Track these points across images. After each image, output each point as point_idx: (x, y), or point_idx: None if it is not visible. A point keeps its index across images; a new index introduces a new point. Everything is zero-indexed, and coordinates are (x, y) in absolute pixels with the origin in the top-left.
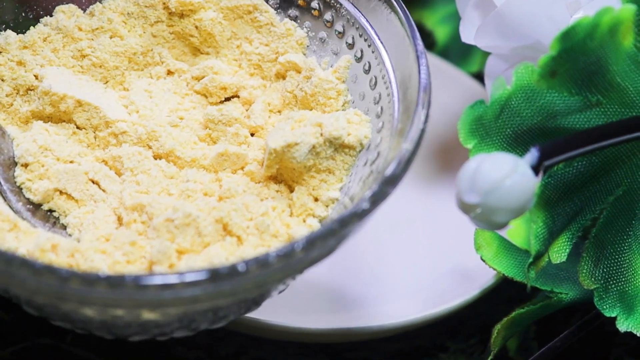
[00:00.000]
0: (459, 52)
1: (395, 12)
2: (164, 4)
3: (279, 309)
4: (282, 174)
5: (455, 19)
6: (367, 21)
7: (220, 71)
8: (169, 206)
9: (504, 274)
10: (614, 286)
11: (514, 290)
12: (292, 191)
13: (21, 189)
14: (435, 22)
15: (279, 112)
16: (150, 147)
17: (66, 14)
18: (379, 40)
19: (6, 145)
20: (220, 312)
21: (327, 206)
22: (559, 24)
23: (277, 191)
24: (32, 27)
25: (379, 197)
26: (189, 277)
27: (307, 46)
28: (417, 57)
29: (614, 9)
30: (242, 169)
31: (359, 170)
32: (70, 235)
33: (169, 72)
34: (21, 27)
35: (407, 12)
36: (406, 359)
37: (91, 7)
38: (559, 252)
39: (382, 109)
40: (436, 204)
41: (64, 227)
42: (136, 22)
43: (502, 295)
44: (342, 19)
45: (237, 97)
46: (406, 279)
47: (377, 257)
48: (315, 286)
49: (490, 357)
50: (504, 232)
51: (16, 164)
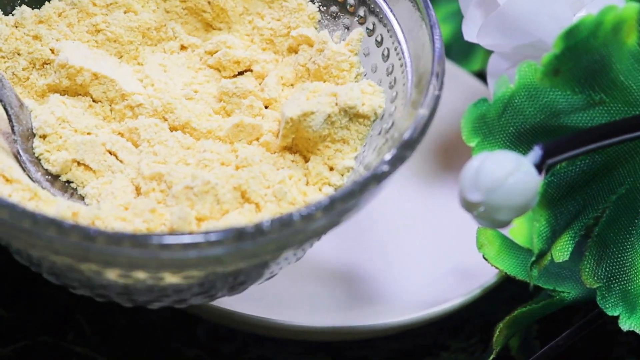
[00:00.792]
0: (460, 51)
1: None
2: None
3: (281, 307)
4: (297, 144)
5: (457, 17)
6: None
7: (233, 45)
8: (187, 175)
9: (506, 273)
10: (616, 285)
11: (516, 289)
12: (307, 161)
13: (39, 160)
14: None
15: (292, 85)
16: (166, 120)
17: None
18: (391, 12)
19: (24, 116)
20: (240, 276)
21: (342, 175)
22: (562, 23)
23: (292, 161)
24: (46, 2)
25: (397, 160)
26: (214, 236)
27: (319, 21)
28: (431, 27)
29: (618, 8)
30: (257, 139)
31: (373, 139)
32: (88, 205)
33: (182, 47)
34: (36, 3)
35: None
36: (407, 358)
37: None
38: (562, 251)
39: (395, 79)
40: (438, 202)
41: (82, 197)
42: None
43: (504, 294)
44: None
45: (250, 71)
46: (408, 277)
47: (379, 256)
48: (316, 284)
49: (492, 356)
50: (506, 231)
51: (34, 135)
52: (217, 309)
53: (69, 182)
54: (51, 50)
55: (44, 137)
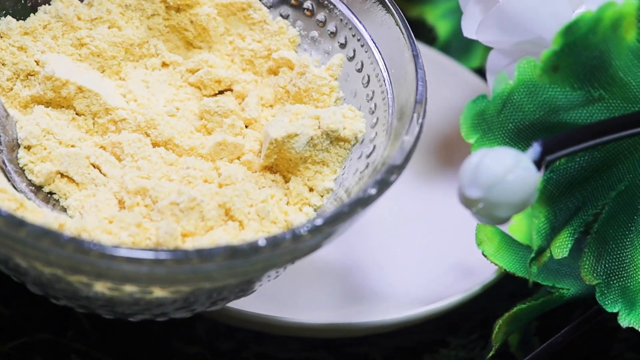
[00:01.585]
0: (460, 47)
1: (390, 13)
2: None
3: (280, 304)
4: (278, 165)
5: (456, 14)
6: (360, 22)
7: (215, 65)
8: (172, 190)
9: (505, 269)
10: (615, 282)
11: (515, 285)
12: (287, 181)
13: (23, 170)
14: (436, 17)
15: (271, 106)
16: (148, 135)
17: (64, 3)
18: (372, 40)
19: (10, 127)
20: (224, 292)
21: (322, 196)
22: (561, 19)
23: (273, 181)
24: (32, 14)
25: (383, 185)
26: (209, 253)
27: (299, 45)
28: (414, 56)
29: (617, 4)
30: (238, 158)
31: (353, 163)
32: (71, 217)
33: (164, 64)
34: (20, 14)
35: (401, 13)
36: (407, 354)
37: None
38: (561, 248)
39: (375, 105)
40: (437, 199)
41: (64, 209)
42: (133, 14)
43: (503, 290)
44: (335, 19)
45: (230, 90)
46: (407, 274)
47: (378, 253)
48: (316, 281)
49: (491, 353)
50: (505, 228)
51: (19, 145)
52: None
53: (51, 193)
54: (36, 61)
55: (29, 148)
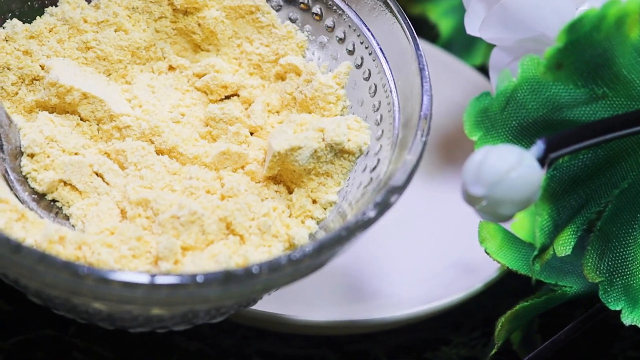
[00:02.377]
0: (462, 45)
1: (398, 22)
2: (169, 0)
3: (282, 301)
4: (282, 175)
5: (459, 11)
6: (368, 30)
7: (221, 70)
8: (174, 203)
9: (508, 267)
10: (618, 279)
11: (518, 283)
12: (290, 192)
13: (26, 178)
14: (439, 15)
15: (277, 112)
16: (152, 142)
17: (71, 5)
18: (380, 49)
19: (13, 134)
20: (222, 309)
21: (325, 209)
22: (565, 17)
23: (276, 191)
24: (38, 17)
25: (384, 207)
26: (203, 278)
27: (307, 49)
28: (420, 70)
29: (621, 1)
30: (242, 168)
31: (357, 175)
32: (73, 226)
33: (171, 68)
34: (27, 16)
35: (409, 23)
36: (409, 352)
37: None
38: (564, 245)
39: (381, 117)
40: (440, 196)
41: (67, 217)
42: (140, 17)
43: (505, 288)
44: (343, 25)
45: (237, 95)
46: (409, 271)
47: (381, 250)
48: (318, 279)
49: (494, 351)
50: (508, 225)
51: (22, 153)
52: None
53: (54, 201)
54: (41, 66)
55: (32, 156)
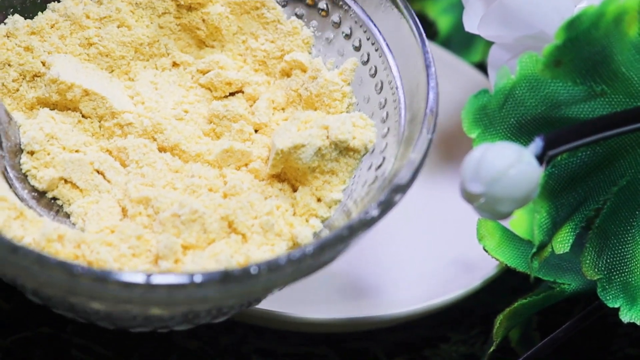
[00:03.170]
0: (461, 42)
1: (405, 18)
2: None
3: (281, 299)
4: (286, 173)
5: (457, 8)
6: (375, 26)
7: (225, 66)
8: (175, 201)
9: (506, 265)
10: (617, 277)
11: (516, 280)
12: (295, 190)
13: (26, 176)
14: (437, 12)
15: (283, 109)
16: (155, 140)
17: (74, 0)
18: (387, 45)
19: (13, 132)
20: (224, 309)
21: (329, 207)
22: (563, 14)
23: (280, 190)
24: (40, 13)
25: (387, 206)
26: (201, 278)
27: (313, 45)
28: (426, 67)
29: None
30: (246, 165)
31: (362, 173)
32: (74, 224)
33: (174, 64)
34: (29, 12)
35: (416, 19)
36: (407, 349)
37: None
38: (562, 243)
39: (387, 114)
40: (438, 194)
41: (68, 215)
42: (144, 13)
43: (504, 285)
44: (350, 20)
45: (242, 92)
46: (408, 269)
47: (379, 247)
48: (316, 276)
49: (492, 348)
50: (506, 223)
51: (22, 151)
52: None
53: (54, 199)
54: (42, 62)
55: (32, 153)
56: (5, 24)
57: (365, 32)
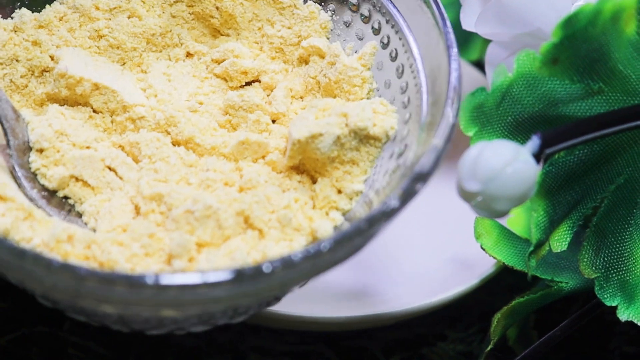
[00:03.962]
0: (458, 40)
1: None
2: None
3: None
4: (305, 164)
5: (455, 6)
6: (394, 7)
7: (241, 54)
8: (188, 197)
9: (503, 263)
10: (614, 275)
11: (514, 279)
12: (314, 182)
13: (36, 175)
14: None
15: (301, 98)
16: (168, 133)
17: None
18: (407, 27)
19: (21, 129)
20: (240, 309)
21: (350, 199)
22: (560, 11)
23: (299, 182)
24: (47, 5)
25: (408, 195)
26: (212, 278)
27: (331, 30)
28: (448, 47)
29: None
30: (263, 157)
31: (384, 162)
32: (86, 223)
33: (188, 54)
34: (36, 5)
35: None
36: (405, 348)
37: None
38: (560, 241)
39: (409, 99)
40: (435, 192)
41: (80, 214)
42: (155, 2)
43: (501, 283)
44: (368, 2)
45: (258, 81)
46: (405, 267)
47: (377, 246)
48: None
49: (490, 346)
50: (504, 221)
51: (31, 149)
52: None
53: (66, 197)
54: (51, 57)
55: (41, 151)
56: (12, 18)
57: (384, 13)
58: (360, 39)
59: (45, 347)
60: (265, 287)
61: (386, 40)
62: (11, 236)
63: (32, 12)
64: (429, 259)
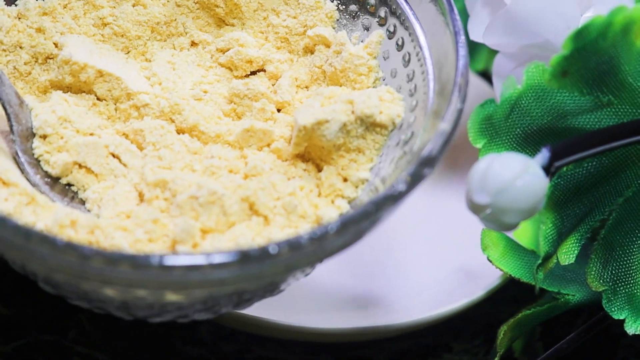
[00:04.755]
0: None
1: None
2: None
3: (284, 308)
4: (310, 152)
5: (461, 16)
6: None
7: (246, 43)
8: (193, 183)
9: (510, 275)
10: (622, 288)
11: (519, 290)
12: (320, 170)
13: (39, 161)
14: None
15: (307, 87)
16: (173, 121)
17: None
18: (414, 15)
19: (24, 115)
20: (245, 295)
21: (356, 187)
22: (569, 23)
23: (304, 170)
24: None
25: (415, 179)
26: (217, 259)
27: (337, 20)
28: (455, 34)
29: (627, 8)
30: (268, 145)
31: (390, 150)
32: (89, 210)
33: (193, 44)
34: None
35: None
36: (410, 359)
37: None
38: (568, 254)
39: (415, 87)
40: (442, 203)
41: (83, 201)
42: None
43: (507, 295)
44: None
45: (263, 71)
46: (412, 278)
47: (383, 257)
48: (320, 285)
49: (496, 359)
50: (510, 233)
51: (34, 135)
52: None
53: (69, 185)
54: (55, 44)
55: (44, 137)
56: (16, 5)
57: (390, 2)
58: (366, 29)
59: (49, 355)
60: (270, 269)
61: (392, 29)
62: (12, 219)
63: (36, 0)
64: (435, 270)
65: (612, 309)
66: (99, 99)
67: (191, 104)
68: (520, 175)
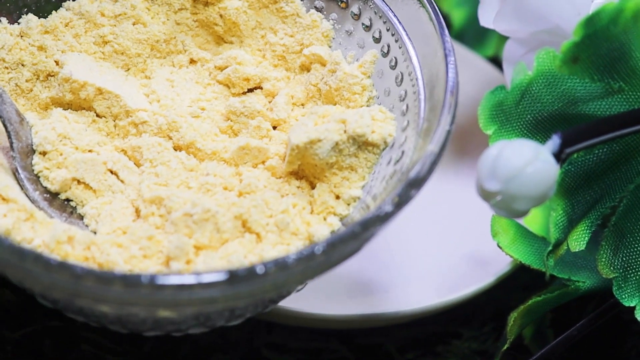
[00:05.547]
0: (474, 36)
1: (424, 7)
2: None
3: (293, 295)
4: (304, 170)
5: (471, 2)
6: (395, 15)
7: (243, 62)
8: (187, 200)
9: (520, 261)
10: (633, 275)
11: (530, 277)
12: (313, 187)
13: (38, 177)
14: (451, 5)
15: (302, 105)
16: (170, 138)
17: None
18: (407, 35)
19: (24, 132)
20: (237, 311)
21: (348, 204)
22: (579, 8)
23: (298, 187)
24: (54, 12)
25: (402, 200)
26: (207, 278)
27: (333, 38)
28: (445, 56)
29: None
30: (263, 163)
31: (382, 168)
32: (87, 225)
33: (192, 61)
34: (43, 11)
35: (436, 8)
36: (419, 346)
37: None
38: (578, 241)
39: (407, 106)
40: (452, 190)
41: (81, 217)
42: (160, 9)
43: (517, 282)
44: (369, 11)
45: (260, 88)
46: (421, 265)
47: (392, 244)
48: (329, 273)
49: (506, 346)
50: (521, 219)
51: (34, 151)
52: None
53: (68, 200)
54: (56, 62)
55: (44, 153)
56: (19, 23)
57: (385, 22)
58: (361, 47)
59: (58, 341)
60: (259, 288)
61: (386, 49)
62: (12, 237)
63: (39, 18)
64: (445, 257)
65: (623, 296)
66: (98, 116)
67: (189, 122)
68: (530, 162)
